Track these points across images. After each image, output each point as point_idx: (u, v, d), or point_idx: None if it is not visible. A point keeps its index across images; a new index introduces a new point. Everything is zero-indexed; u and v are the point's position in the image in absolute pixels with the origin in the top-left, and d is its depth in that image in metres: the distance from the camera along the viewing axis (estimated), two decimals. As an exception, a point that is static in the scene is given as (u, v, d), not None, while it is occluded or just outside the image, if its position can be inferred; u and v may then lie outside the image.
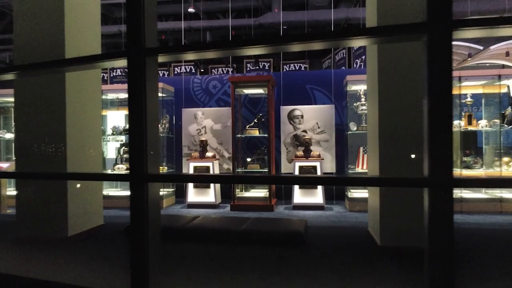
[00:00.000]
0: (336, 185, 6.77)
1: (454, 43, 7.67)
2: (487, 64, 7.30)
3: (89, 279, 2.68)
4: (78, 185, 4.14)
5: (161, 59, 2.33)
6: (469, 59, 7.33)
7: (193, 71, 11.88)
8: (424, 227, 1.64)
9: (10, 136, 6.80)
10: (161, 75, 11.58)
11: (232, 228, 3.48)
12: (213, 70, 12.17)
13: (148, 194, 2.16)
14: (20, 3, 4.01)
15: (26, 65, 2.87)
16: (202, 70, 11.74)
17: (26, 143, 4.01)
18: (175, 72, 11.91)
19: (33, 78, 3.91)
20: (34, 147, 3.97)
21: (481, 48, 7.23)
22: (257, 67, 11.28)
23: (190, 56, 2.41)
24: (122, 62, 2.28)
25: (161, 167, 6.51)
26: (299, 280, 2.57)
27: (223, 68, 12.05)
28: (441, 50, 1.62)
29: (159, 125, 6.59)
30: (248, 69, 11.55)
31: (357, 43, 2.25)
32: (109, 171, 6.50)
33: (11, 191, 6.16)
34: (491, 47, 7.06)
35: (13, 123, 4.44)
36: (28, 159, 3.98)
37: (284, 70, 11.56)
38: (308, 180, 2.94)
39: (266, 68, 11.35)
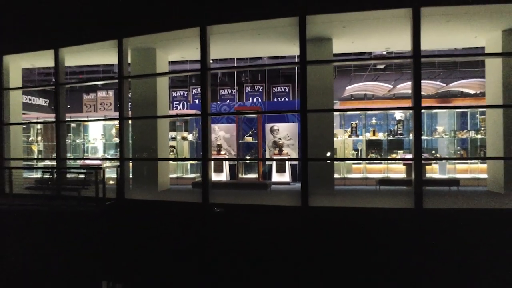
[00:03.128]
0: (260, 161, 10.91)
1: (374, 83, 11.89)
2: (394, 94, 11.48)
3: (185, 199, 6.91)
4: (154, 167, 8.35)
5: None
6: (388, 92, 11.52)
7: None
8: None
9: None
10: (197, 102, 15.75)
11: (239, 182, 7.70)
12: (221, 91, 16.36)
13: (208, 166, 6.38)
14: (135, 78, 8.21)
15: (137, 117, 7.12)
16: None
17: (139, 145, 8.20)
18: (193, 92, 16.12)
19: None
20: (141, 146, 8.17)
21: (391, 86, 11.46)
22: (253, 90, 15.48)
23: (223, 115, 6.72)
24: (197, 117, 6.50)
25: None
26: (263, 196, 6.78)
27: (229, 89, 16.25)
28: (305, 119, 5.86)
29: (192, 135, 10.81)
30: (247, 90, 15.76)
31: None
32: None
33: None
34: (397, 86, 11.31)
35: (131, 134, 8.55)
36: (139, 152, 8.19)
37: (273, 91, 15.76)
38: (257, 159, 7.17)
39: (260, 90, 15.56)
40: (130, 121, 7.83)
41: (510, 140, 6.94)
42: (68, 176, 8.03)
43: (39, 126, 11.86)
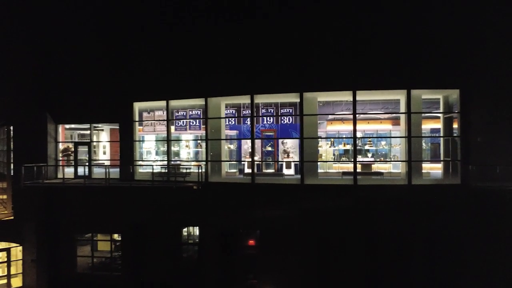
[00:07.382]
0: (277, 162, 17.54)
1: (348, 112, 18.40)
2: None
3: (241, 181, 13.59)
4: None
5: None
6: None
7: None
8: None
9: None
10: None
11: (265, 173, 14.33)
12: (244, 112, 22.94)
13: (254, 164, 13.07)
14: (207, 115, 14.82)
15: (213, 138, 13.86)
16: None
17: (212, 152, 14.80)
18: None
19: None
20: (214, 154, 14.76)
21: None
22: (268, 112, 22.13)
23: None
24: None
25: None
26: (280, 180, 13.41)
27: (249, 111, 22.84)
28: (302, 142, 12.57)
29: (232, 145, 17.45)
30: (262, 111, 22.40)
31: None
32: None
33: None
34: (361, 115, 17.84)
35: (204, 147, 15.07)
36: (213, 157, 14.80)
37: (281, 111, 22.42)
38: (277, 162, 13.88)
39: (272, 112, 22.17)
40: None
41: (407, 151, 13.51)
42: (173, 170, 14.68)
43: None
